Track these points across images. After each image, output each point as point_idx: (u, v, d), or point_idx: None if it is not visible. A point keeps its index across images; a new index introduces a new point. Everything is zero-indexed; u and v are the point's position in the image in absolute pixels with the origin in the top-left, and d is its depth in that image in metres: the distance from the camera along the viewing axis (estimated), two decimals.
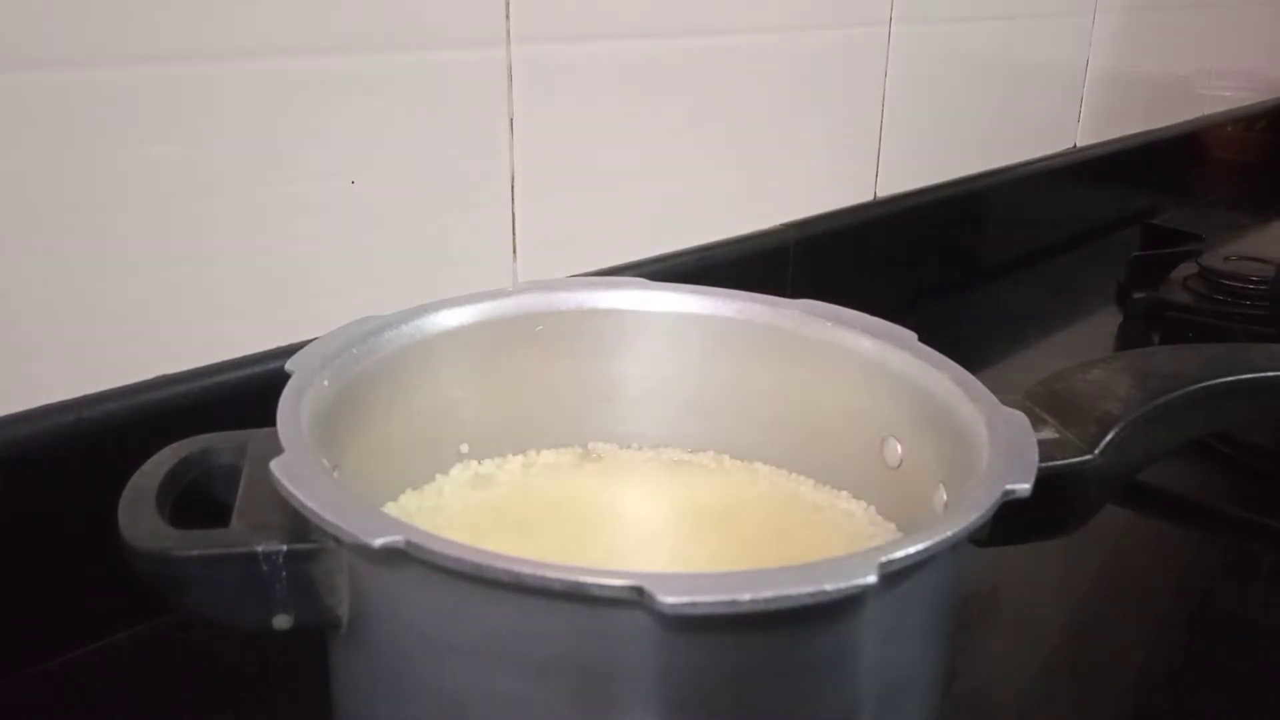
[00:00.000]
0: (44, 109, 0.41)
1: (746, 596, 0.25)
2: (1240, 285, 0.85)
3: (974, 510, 0.30)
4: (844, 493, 0.43)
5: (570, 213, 0.61)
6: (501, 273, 0.59)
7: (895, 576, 0.27)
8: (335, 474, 0.31)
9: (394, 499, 0.41)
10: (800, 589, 0.25)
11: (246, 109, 0.46)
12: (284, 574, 0.30)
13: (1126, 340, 0.87)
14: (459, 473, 0.43)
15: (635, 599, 0.25)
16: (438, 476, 0.43)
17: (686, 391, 0.45)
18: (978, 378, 0.38)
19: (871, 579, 0.26)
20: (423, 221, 0.54)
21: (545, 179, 0.59)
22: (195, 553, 0.30)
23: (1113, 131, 1.16)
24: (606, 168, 0.63)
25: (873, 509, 0.42)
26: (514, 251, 0.59)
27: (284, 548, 0.30)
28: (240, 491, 0.32)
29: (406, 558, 0.27)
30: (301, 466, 0.30)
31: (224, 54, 0.45)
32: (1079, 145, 1.11)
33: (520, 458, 0.45)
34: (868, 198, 0.85)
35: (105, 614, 0.45)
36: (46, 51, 0.40)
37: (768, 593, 0.25)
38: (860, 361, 0.41)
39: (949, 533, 0.29)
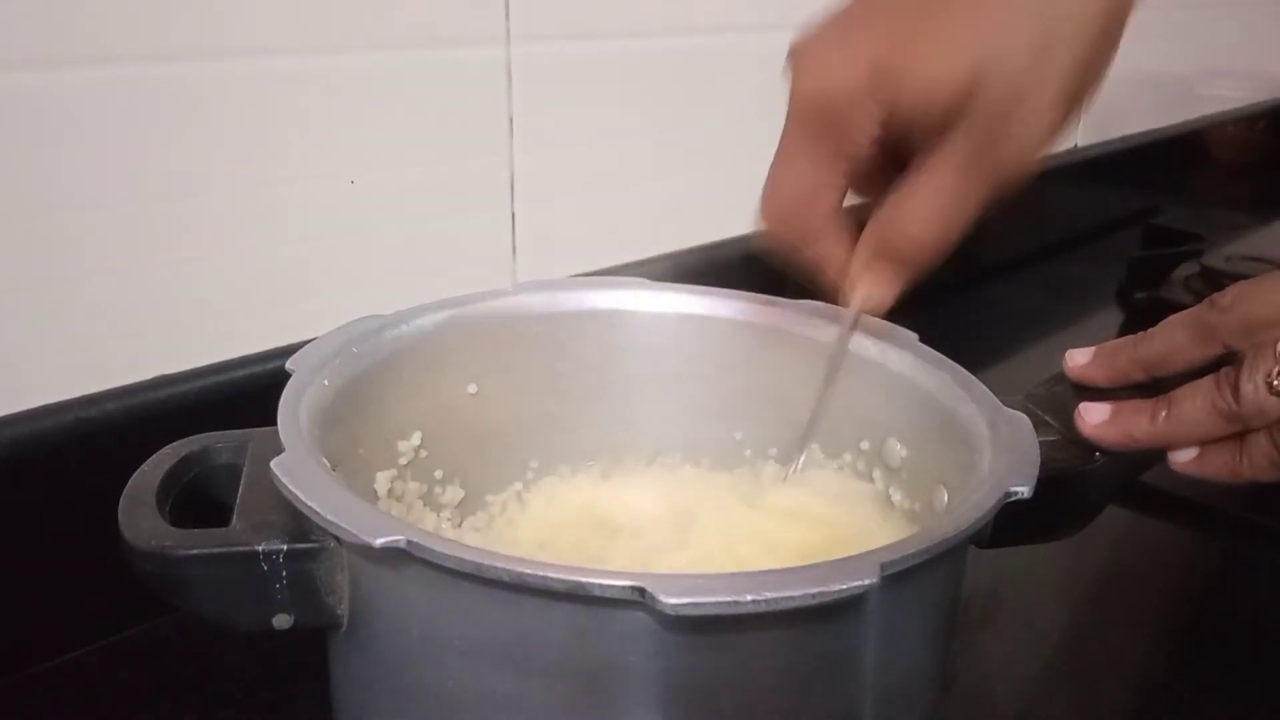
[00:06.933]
0: (45, 109, 0.41)
1: (749, 597, 0.25)
2: None
3: (975, 511, 0.30)
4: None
5: (570, 213, 0.61)
6: (501, 273, 0.59)
7: (896, 578, 0.27)
8: (335, 473, 0.31)
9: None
10: (802, 590, 0.25)
11: (246, 109, 0.46)
12: (284, 573, 0.30)
13: None
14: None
15: (637, 599, 0.25)
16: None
17: (687, 391, 0.45)
18: (979, 378, 0.38)
19: (873, 580, 0.26)
20: (423, 221, 0.54)
21: (545, 179, 0.59)
22: (195, 552, 0.30)
23: (1113, 131, 1.15)
24: (606, 168, 0.63)
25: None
26: (514, 251, 0.59)
27: (284, 547, 0.30)
28: (240, 491, 0.32)
29: (407, 557, 0.27)
30: (302, 466, 0.30)
31: (225, 54, 0.45)
32: (1079, 145, 1.11)
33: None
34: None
35: (105, 614, 0.45)
36: (47, 52, 0.40)
37: (769, 593, 0.25)
38: (860, 361, 0.41)
39: (950, 534, 0.29)
